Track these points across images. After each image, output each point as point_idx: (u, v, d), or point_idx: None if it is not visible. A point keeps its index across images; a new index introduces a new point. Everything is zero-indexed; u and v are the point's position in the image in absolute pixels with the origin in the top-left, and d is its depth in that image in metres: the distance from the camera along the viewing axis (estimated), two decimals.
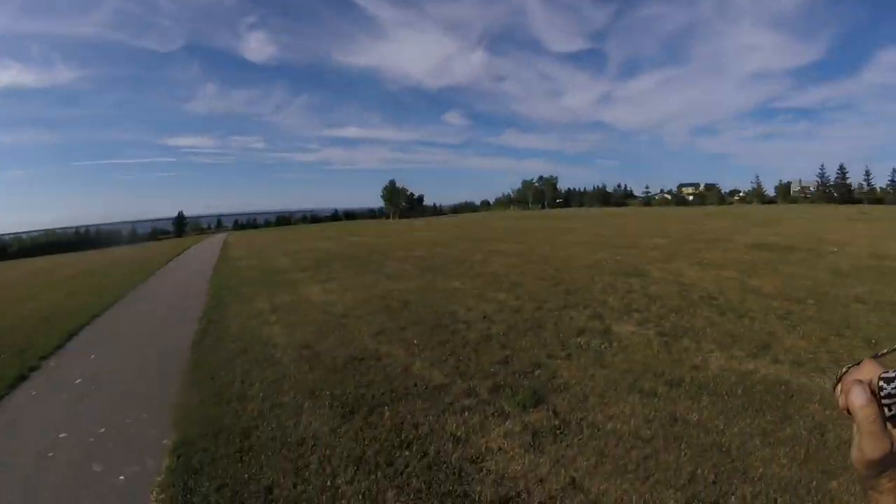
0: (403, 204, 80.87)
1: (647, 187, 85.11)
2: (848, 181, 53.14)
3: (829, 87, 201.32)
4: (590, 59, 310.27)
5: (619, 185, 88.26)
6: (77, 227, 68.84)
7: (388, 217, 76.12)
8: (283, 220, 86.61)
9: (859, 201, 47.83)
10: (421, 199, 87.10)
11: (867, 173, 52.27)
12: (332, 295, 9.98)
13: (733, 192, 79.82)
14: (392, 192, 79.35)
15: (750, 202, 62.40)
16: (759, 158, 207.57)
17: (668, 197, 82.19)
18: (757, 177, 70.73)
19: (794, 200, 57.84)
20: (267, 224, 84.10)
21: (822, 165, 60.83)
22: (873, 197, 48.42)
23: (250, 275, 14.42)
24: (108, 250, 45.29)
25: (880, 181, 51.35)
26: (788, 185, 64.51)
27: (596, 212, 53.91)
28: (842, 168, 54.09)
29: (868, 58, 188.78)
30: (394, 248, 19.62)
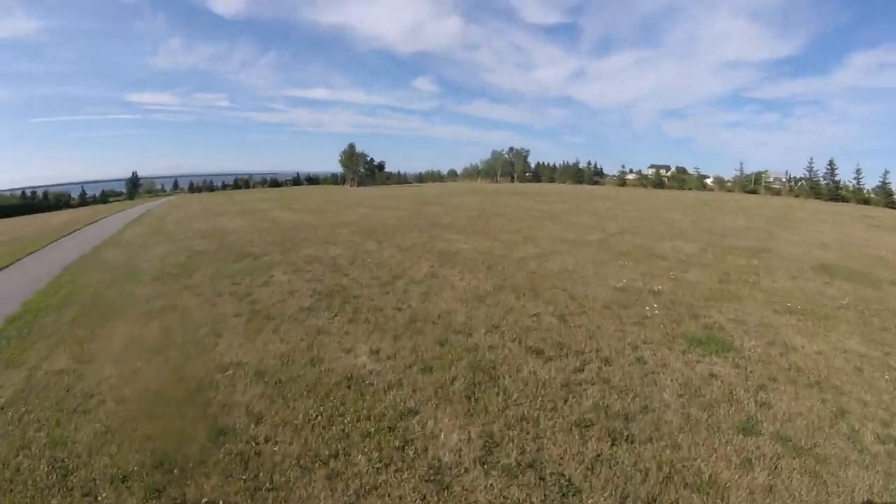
0: (362, 170, 73.14)
1: (622, 166, 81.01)
2: (836, 178, 50.26)
3: (800, 83, 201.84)
4: (565, 34, 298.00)
5: (589, 163, 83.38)
6: (24, 190, 59.42)
7: (346, 184, 69.50)
8: (243, 183, 78.69)
9: (846, 200, 45.13)
10: (382, 165, 78.06)
11: (858, 172, 49.01)
12: (108, 380, 4.88)
13: (703, 177, 77.40)
14: (350, 157, 70.86)
15: (731, 189, 59.43)
16: (722, 145, 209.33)
17: (641, 177, 78.48)
18: (741, 164, 66.85)
19: (777, 192, 55.18)
20: (224, 187, 76.39)
21: (811, 159, 56.93)
22: (861, 197, 45.58)
23: (77, 294, 8.80)
24: (29, 218, 36.88)
25: (868, 182, 49.11)
26: (760, 174, 61.90)
27: (571, 190, 48.96)
28: (831, 164, 50.44)
29: (841, 59, 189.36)
30: (311, 237, 14.32)
